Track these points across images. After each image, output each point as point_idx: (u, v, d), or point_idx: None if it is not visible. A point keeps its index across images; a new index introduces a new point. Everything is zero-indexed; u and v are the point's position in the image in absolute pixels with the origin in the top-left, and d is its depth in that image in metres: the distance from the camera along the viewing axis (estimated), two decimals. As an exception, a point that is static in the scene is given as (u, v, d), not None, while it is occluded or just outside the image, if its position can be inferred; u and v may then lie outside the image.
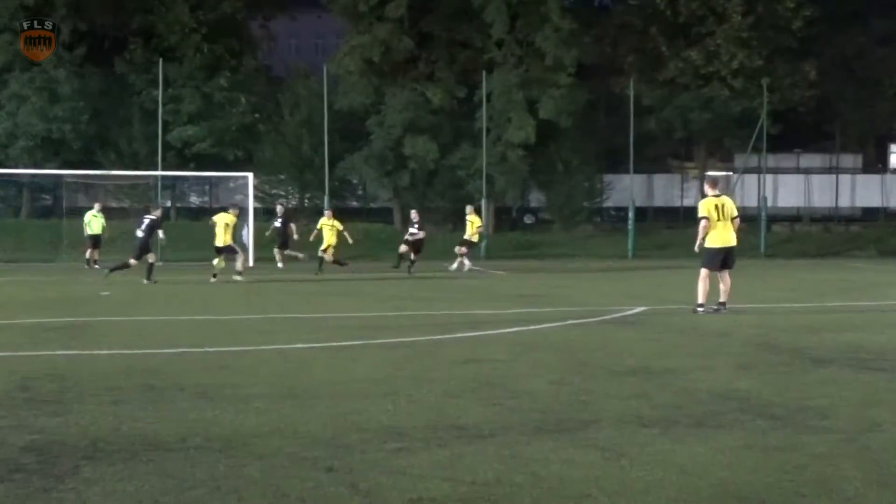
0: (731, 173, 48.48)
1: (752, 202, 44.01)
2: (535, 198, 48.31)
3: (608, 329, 13.44)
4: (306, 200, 44.75)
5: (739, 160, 46.78)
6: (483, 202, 38.78)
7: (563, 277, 24.57)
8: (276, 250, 29.85)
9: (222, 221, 23.59)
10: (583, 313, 15.14)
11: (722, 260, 15.50)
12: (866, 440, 6.60)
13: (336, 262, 26.77)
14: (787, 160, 51.95)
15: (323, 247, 26.97)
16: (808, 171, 52.20)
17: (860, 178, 52.69)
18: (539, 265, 25.84)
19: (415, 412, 7.45)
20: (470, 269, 27.09)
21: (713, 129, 45.23)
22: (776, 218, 46.24)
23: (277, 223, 29.85)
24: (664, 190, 51.06)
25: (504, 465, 5.88)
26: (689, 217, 48.11)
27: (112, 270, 23.34)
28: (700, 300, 15.36)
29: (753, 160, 44.04)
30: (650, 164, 47.39)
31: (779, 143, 45.95)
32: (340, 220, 27.92)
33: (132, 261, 23.14)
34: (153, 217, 23.58)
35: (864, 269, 28.94)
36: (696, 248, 15.72)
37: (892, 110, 51.89)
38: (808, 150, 53.50)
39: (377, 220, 43.97)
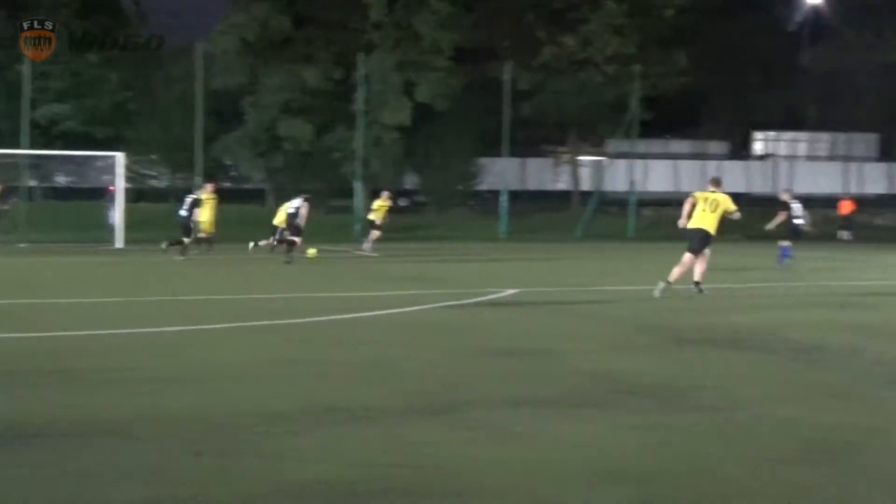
0: (602, 158, 49.32)
1: (623, 187, 44.89)
2: (411, 180, 48.35)
3: (483, 311, 13.55)
4: (178, 181, 43.88)
5: (611, 145, 47.61)
6: (358, 184, 38.64)
7: (438, 260, 24.67)
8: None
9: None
10: (457, 295, 15.23)
11: (702, 243, 16.23)
12: (732, 417, 6.82)
13: (207, 240, 25.87)
14: (656, 146, 53.03)
15: (203, 220, 25.47)
16: (676, 157, 53.43)
17: (726, 164, 54.11)
18: (414, 247, 25.87)
19: (289, 395, 7.40)
20: (362, 253, 26.82)
21: (587, 114, 45.85)
22: (645, 202, 47.20)
23: (184, 211, 28.00)
24: (538, 174, 51.67)
25: (380, 446, 5.89)
26: (561, 200, 48.86)
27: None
28: (697, 278, 16.05)
29: (624, 145, 44.86)
30: (524, 148, 47.85)
31: (649, 129, 46.88)
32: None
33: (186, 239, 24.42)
34: (196, 196, 25.25)
35: (730, 253, 29.79)
36: (679, 225, 16.80)
37: (758, 99, 53.53)
38: (677, 137, 54.77)
39: (250, 201, 43.42)
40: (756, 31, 52.25)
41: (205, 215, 25.43)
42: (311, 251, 23.80)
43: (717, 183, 17.05)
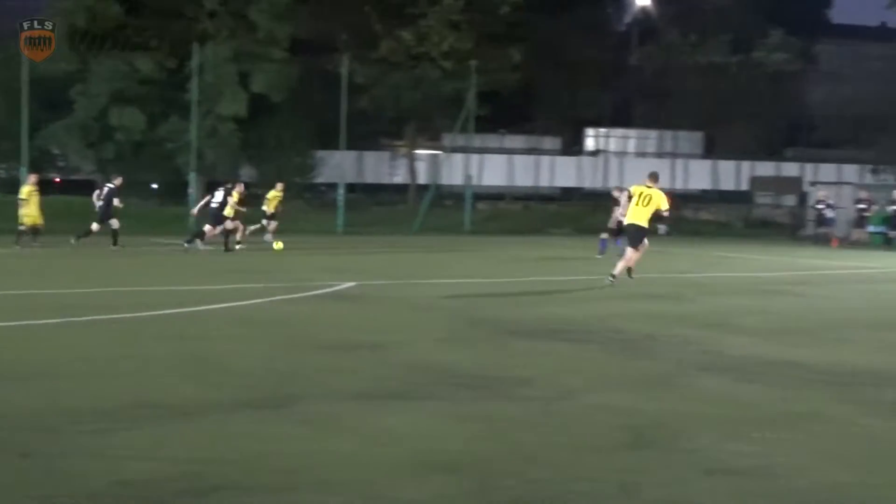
0: (439, 152, 49.72)
1: (459, 181, 45.38)
2: (247, 172, 47.71)
3: (318, 303, 13.52)
4: (2, 171, 42.15)
5: (447, 139, 48.02)
6: (192, 176, 37.92)
7: (274, 252, 24.44)
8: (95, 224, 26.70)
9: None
10: (293, 288, 15.14)
11: (636, 237, 17.02)
12: (561, 406, 7.01)
13: (32, 231, 24.84)
14: (492, 141, 53.78)
15: (26, 214, 24.56)
16: (511, 152, 54.34)
17: (559, 159, 55.42)
18: (250, 240, 25.54)
19: (119, 392, 7.25)
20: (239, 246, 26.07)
21: (423, 108, 46.13)
22: (481, 196, 47.78)
23: (99, 202, 26.61)
24: (375, 167, 51.77)
25: (211, 442, 5.83)
26: (399, 193, 49.02)
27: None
28: (618, 271, 16.89)
29: (460, 140, 45.31)
30: (362, 141, 47.82)
31: (485, 124, 47.46)
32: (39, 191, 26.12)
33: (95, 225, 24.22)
34: (112, 186, 24.87)
35: (562, 246, 30.48)
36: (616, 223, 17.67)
37: (589, 96, 54.93)
38: (511, 132, 55.67)
39: (78, 192, 42.04)
40: (588, 31, 53.60)
41: (29, 207, 24.56)
42: (278, 245, 24.82)
43: (654, 178, 17.57)
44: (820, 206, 36.58)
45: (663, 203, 16.94)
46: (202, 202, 26.00)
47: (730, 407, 7.18)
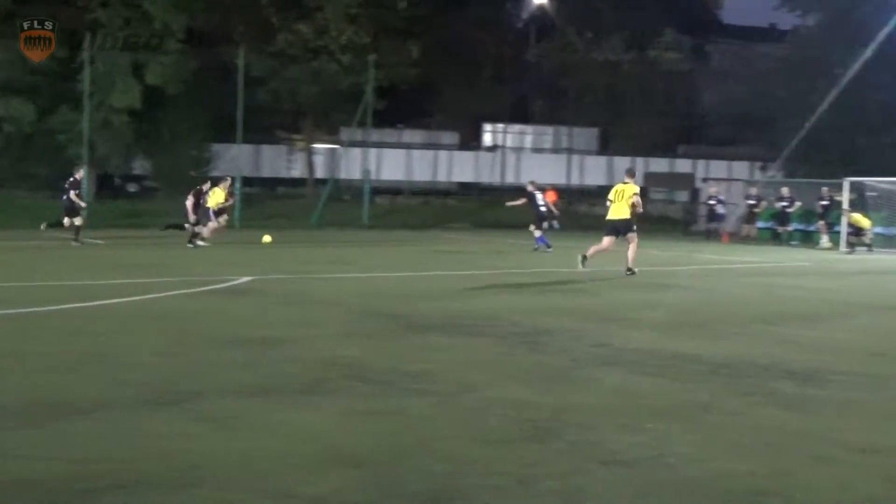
0: (337, 146, 49.53)
1: (357, 175, 45.30)
2: (141, 165, 46.89)
3: (215, 299, 13.39)
4: None
5: (345, 134, 47.87)
6: (84, 169, 37.13)
7: (168, 246, 24.09)
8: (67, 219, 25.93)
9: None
10: (189, 283, 14.97)
11: (615, 229, 19.01)
12: (461, 400, 7.08)
13: None
14: (390, 135, 53.79)
15: None
16: (409, 147, 54.41)
17: (457, 154, 55.65)
18: (146, 234, 25.11)
19: (15, 389, 7.09)
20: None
21: (321, 102, 45.89)
22: (379, 190, 47.80)
23: (72, 194, 25.69)
24: (272, 161, 51.31)
25: (108, 441, 5.75)
26: (296, 187, 48.67)
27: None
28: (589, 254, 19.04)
29: (358, 134, 45.21)
30: (259, 134, 47.35)
31: (383, 119, 47.45)
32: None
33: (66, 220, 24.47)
34: (73, 178, 25.22)
35: (460, 241, 30.64)
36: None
37: (487, 92, 55.29)
38: (410, 127, 55.74)
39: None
40: (486, 27, 53.96)
41: None
42: (267, 238, 25.72)
43: (630, 174, 19.77)
44: (711, 202, 37.51)
45: (633, 191, 18.84)
46: (192, 200, 25.84)
47: (625, 399, 7.33)
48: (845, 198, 33.05)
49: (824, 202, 34.18)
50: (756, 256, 26.55)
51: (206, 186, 26.20)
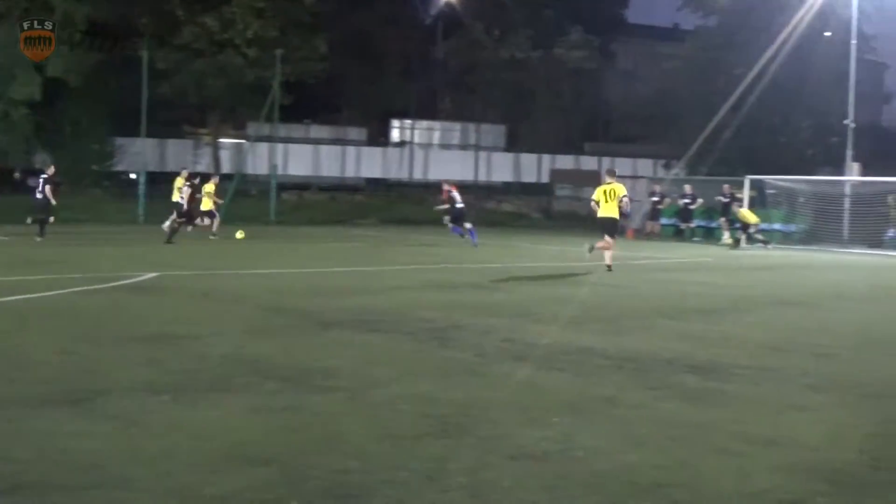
0: (243, 141, 49.06)
1: (264, 170, 44.93)
2: (41, 159, 45.84)
3: (119, 295, 13.15)
4: None
5: (252, 128, 47.43)
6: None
7: (72, 243, 23.61)
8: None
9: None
10: (93, 280, 14.67)
11: (606, 227, 19.21)
12: (371, 397, 7.07)
13: None
14: (297, 130, 53.46)
15: None
16: (317, 142, 54.12)
17: (365, 150, 55.51)
18: (49, 230, 24.54)
19: None
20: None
21: (228, 96, 45.40)
22: (286, 186, 47.51)
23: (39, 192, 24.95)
24: (177, 155, 50.52)
25: (7, 440, 5.62)
26: (202, 183, 47.98)
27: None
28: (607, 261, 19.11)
29: (265, 129, 44.84)
30: (164, 128, 46.65)
31: (290, 114, 47.14)
32: None
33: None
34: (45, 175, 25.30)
35: (367, 237, 30.60)
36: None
37: (395, 88, 55.27)
38: (317, 122, 55.44)
39: None
40: (393, 23, 53.91)
41: None
42: (239, 233, 26.38)
43: (612, 174, 20.15)
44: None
45: (622, 191, 19.29)
46: (186, 196, 26.54)
47: (532, 393, 7.40)
48: (746, 195, 33.79)
49: (725, 199, 34.88)
50: (660, 252, 27.01)
51: (196, 181, 27.21)
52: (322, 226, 37.38)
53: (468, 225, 26.37)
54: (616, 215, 19.33)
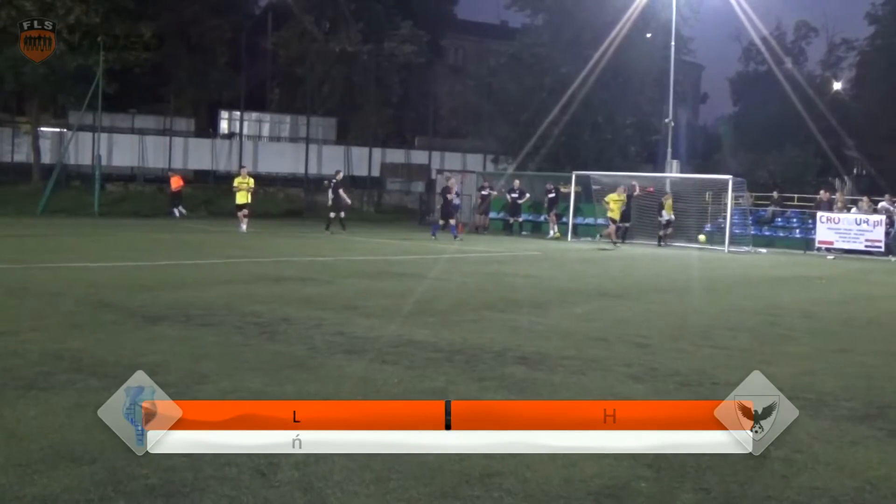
0: (65, 130, 47.46)
1: (87, 160, 43.57)
2: None
3: (-70, 291, 12.55)
4: None
5: (74, 117, 45.92)
6: None
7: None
8: None
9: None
10: None
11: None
12: (195, 392, 6.93)
13: None
14: (122, 120, 52.06)
15: None
16: (143, 132, 52.74)
17: (192, 141, 54.36)
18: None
19: None
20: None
21: (47, 83, 43.80)
22: (110, 177, 46.21)
23: None
24: (-6, 145, 48.59)
25: None
26: (21, 173, 46.19)
27: None
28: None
29: (88, 118, 43.50)
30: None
31: (115, 103, 45.88)
32: None
33: None
34: None
35: (195, 229, 30.05)
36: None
37: (223, 78, 54.41)
38: (143, 112, 54.07)
39: None
40: (222, 12, 53.02)
41: None
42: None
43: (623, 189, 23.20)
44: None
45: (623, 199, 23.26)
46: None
47: (364, 386, 7.40)
48: (572, 190, 34.65)
49: (551, 194, 35.67)
50: (488, 246, 27.42)
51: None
52: (148, 218, 36.51)
53: (452, 221, 29.70)
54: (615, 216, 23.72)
